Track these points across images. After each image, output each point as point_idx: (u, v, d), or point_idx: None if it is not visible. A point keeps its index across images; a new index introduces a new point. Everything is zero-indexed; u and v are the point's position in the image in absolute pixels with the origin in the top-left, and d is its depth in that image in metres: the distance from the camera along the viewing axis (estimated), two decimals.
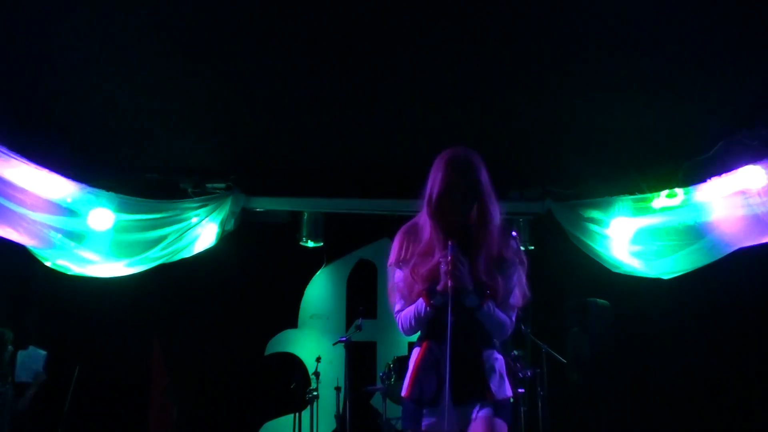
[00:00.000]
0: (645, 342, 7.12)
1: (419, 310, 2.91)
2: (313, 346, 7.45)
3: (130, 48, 4.68)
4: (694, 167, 6.22)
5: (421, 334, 3.07)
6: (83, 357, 6.28)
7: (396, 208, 6.96)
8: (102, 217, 6.27)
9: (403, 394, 3.03)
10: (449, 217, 2.88)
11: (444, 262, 2.79)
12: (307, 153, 6.65)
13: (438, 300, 2.85)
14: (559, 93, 5.33)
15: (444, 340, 2.77)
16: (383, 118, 5.86)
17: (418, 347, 3.06)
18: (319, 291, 7.86)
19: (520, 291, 2.99)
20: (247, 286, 7.51)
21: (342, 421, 6.59)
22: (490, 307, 2.87)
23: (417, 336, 3.11)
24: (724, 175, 5.84)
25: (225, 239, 6.90)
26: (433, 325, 2.94)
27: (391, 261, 3.05)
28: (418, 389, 2.95)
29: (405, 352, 7.04)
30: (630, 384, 6.94)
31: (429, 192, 2.90)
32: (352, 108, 5.66)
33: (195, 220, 6.69)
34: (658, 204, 6.38)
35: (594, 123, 5.80)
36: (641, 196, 6.50)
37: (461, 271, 2.79)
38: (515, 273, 2.97)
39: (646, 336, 7.12)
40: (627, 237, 6.55)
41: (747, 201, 5.65)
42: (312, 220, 7.37)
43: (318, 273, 7.87)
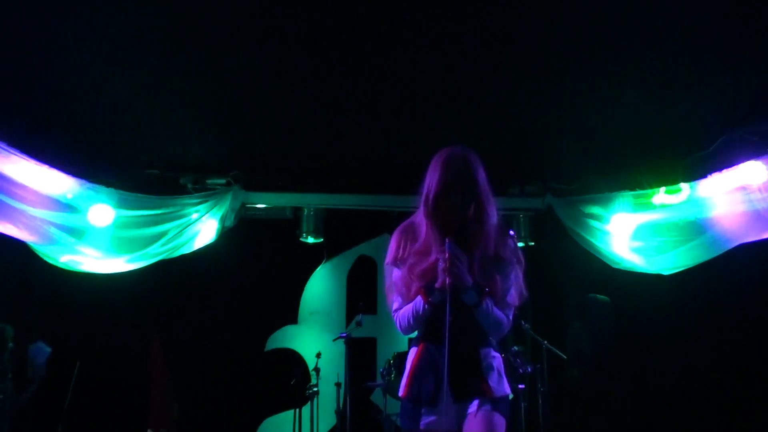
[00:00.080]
0: (645, 338, 7.12)
1: (417, 308, 2.90)
2: (314, 342, 7.44)
3: (130, 44, 4.67)
4: (694, 163, 6.22)
5: (418, 334, 3.05)
6: (83, 353, 6.27)
7: (396, 204, 6.95)
8: (102, 213, 6.26)
9: (401, 394, 3.01)
10: (446, 217, 2.86)
11: (442, 259, 2.77)
12: (307, 149, 6.65)
13: (436, 297, 2.83)
14: (560, 89, 5.32)
15: (441, 339, 2.75)
16: (383, 114, 5.85)
17: (415, 347, 3.05)
18: (320, 287, 7.85)
19: (517, 290, 2.97)
20: (247, 282, 7.50)
21: (342, 417, 6.60)
22: (488, 305, 2.85)
23: (414, 335, 3.10)
24: (724, 171, 5.84)
25: (225, 235, 6.90)
26: (431, 325, 2.92)
27: (389, 260, 3.03)
28: (416, 389, 2.94)
29: (405, 347, 7.00)
30: (630, 380, 6.94)
31: (426, 191, 2.88)
32: (352, 104, 5.66)
33: (195, 216, 6.68)
34: (658, 200, 6.38)
35: (594, 119, 5.79)
36: (642, 191, 6.50)
37: (460, 268, 2.77)
38: (513, 272, 2.96)
39: (646, 332, 7.12)
40: (627, 233, 6.54)
41: (748, 196, 5.66)
42: (312, 216, 7.36)
43: (318, 269, 7.86)
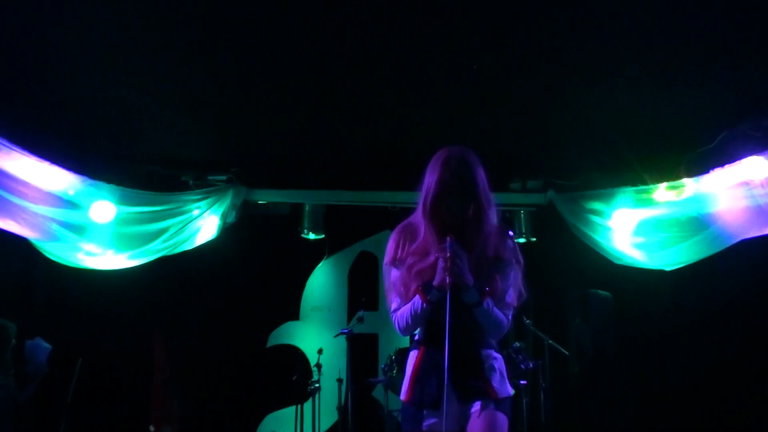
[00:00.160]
0: (647, 333, 7.12)
1: (416, 307, 2.88)
2: (315, 338, 7.44)
3: (132, 40, 4.66)
4: (696, 158, 6.21)
5: (419, 336, 3.03)
6: (85, 349, 6.27)
7: (398, 200, 6.94)
8: (103, 210, 6.26)
9: (403, 398, 2.99)
10: (445, 217, 2.84)
11: (442, 257, 2.75)
12: (309, 145, 6.64)
13: (434, 295, 2.81)
14: (561, 84, 5.31)
15: (442, 341, 2.72)
16: (384, 110, 5.84)
17: (415, 350, 3.03)
18: (321, 283, 7.85)
19: (516, 290, 2.96)
20: (249, 278, 7.50)
21: (344, 413, 6.60)
22: (489, 304, 2.83)
23: (415, 337, 3.08)
24: (726, 166, 5.83)
25: (226, 232, 6.88)
26: (431, 327, 2.91)
27: (387, 260, 3.01)
28: (418, 393, 2.92)
29: (407, 344, 7.01)
30: (632, 375, 6.93)
31: (425, 192, 2.86)
32: (353, 100, 5.65)
33: (196, 212, 6.67)
34: (660, 196, 6.37)
35: (596, 114, 5.77)
36: (643, 187, 6.49)
37: (461, 267, 2.75)
38: (512, 272, 2.94)
39: (647, 327, 7.12)
40: (629, 228, 6.54)
41: (750, 192, 5.65)
42: (313, 212, 7.35)
43: (319, 265, 7.86)
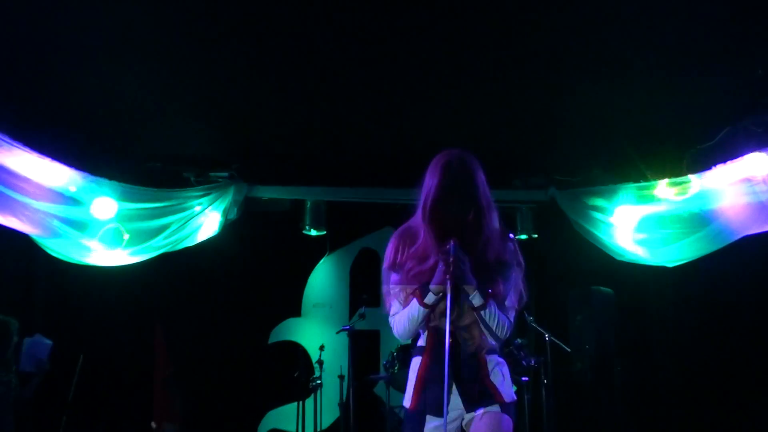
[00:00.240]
0: (648, 330, 7.12)
1: (412, 310, 2.86)
2: (317, 334, 7.43)
3: (133, 36, 4.66)
4: (698, 155, 6.20)
5: (421, 342, 3.00)
6: (87, 346, 6.28)
7: (399, 196, 6.92)
8: (105, 206, 6.27)
9: (407, 406, 2.96)
10: (445, 221, 2.79)
11: (444, 260, 2.71)
12: (310, 142, 6.64)
13: (431, 298, 2.79)
14: (564, 81, 5.31)
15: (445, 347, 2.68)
16: (387, 106, 5.83)
17: (418, 356, 3.00)
18: (323, 280, 7.85)
19: (516, 293, 2.93)
20: (250, 274, 7.50)
21: (345, 410, 6.60)
22: (493, 307, 2.80)
23: (416, 343, 3.05)
24: (729, 163, 5.82)
25: (228, 228, 6.89)
26: (434, 332, 2.89)
27: (386, 264, 2.96)
28: (422, 401, 2.89)
29: (409, 340, 7.02)
30: (633, 372, 6.93)
31: (424, 196, 2.82)
32: (355, 97, 5.64)
33: (198, 208, 6.68)
34: (662, 192, 6.36)
35: (598, 111, 5.77)
36: (645, 183, 6.48)
37: (463, 270, 2.72)
38: (513, 274, 2.91)
39: (649, 324, 7.12)
40: (631, 225, 6.53)
41: (752, 188, 5.64)
42: (315, 208, 7.34)
43: (321, 262, 7.86)
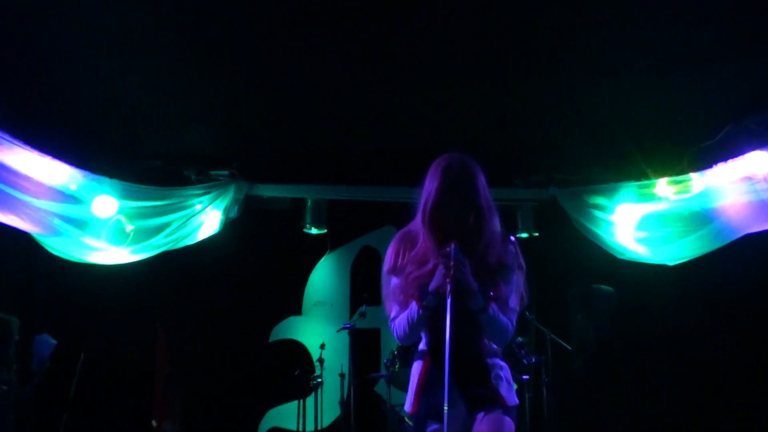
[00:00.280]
0: (649, 328, 7.11)
1: (412, 313, 2.84)
2: (318, 333, 7.43)
3: (134, 35, 4.66)
4: (699, 153, 6.19)
5: (423, 347, 2.99)
6: (88, 344, 6.28)
7: (400, 195, 6.92)
8: (106, 204, 6.27)
9: (408, 410, 2.95)
10: (445, 225, 2.79)
11: (444, 263, 2.70)
12: (311, 140, 6.63)
13: (430, 300, 2.77)
14: (564, 79, 5.30)
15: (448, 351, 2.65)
16: (388, 104, 5.83)
17: (420, 361, 2.98)
18: (323, 278, 7.84)
19: (518, 295, 2.91)
20: (251, 273, 7.49)
21: (346, 408, 6.60)
22: (494, 309, 2.78)
23: (417, 347, 3.04)
24: (730, 161, 5.82)
25: (228, 226, 6.88)
26: (435, 336, 2.86)
27: (387, 268, 2.96)
28: (424, 406, 2.88)
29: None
30: (634, 370, 6.94)
31: (424, 199, 2.81)
32: (356, 95, 5.64)
33: (198, 207, 6.67)
34: (663, 190, 6.36)
35: (599, 109, 5.77)
36: (646, 182, 6.47)
37: (464, 273, 2.71)
38: (514, 277, 2.89)
39: (650, 322, 7.11)
40: (632, 223, 6.53)
41: (753, 186, 5.65)
42: (315, 206, 7.32)
43: (322, 260, 7.85)
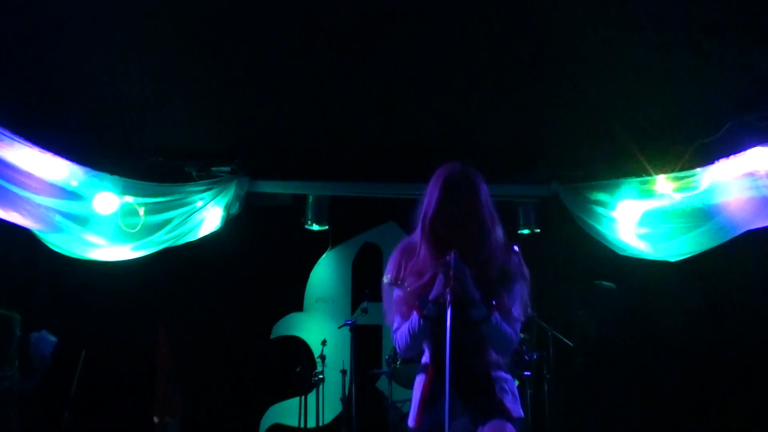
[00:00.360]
0: (651, 324, 7.11)
1: (413, 323, 2.79)
2: (319, 329, 7.43)
3: (136, 31, 4.65)
4: (701, 149, 6.18)
5: (426, 360, 2.95)
6: (90, 340, 6.28)
7: (402, 191, 6.91)
8: (107, 201, 6.26)
9: (411, 425, 2.91)
10: (445, 236, 2.76)
11: (443, 272, 2.67)
12: (312, 136, 6.62)
13: (430, 309, 2.74)
14: (566, 75, 5.29)
15: (451, 364, 2.59)
16: (389, 100, 5.82)
17: (423, 375, 2.94)
18: (325, 274, 7.84)
19: (522, 305, 2.87)
20: (252, 269, 7.49)
21: (348, 404, 6.62)
22: (496, 318, 2.74)
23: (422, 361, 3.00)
24: (732, 157, 5.80)
25: (230, 223, 6.88)
26: (438, 349, 2.80)
27: (388, 280, 2.93)
28: (427, 421, 2.84)
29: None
30: (636, 366, 6.93)
31: (424, 210, 2.79)
32: (357, 91, 5.63)
33: (200, 203, 6.67)
34: (664, 186, 6.35)
35: (601, 105, 5.76)
36: (648, 178, 6.46)
37: (465, 282, 2.67)
38: (518, 287, 2.86)
39: (652, 318, 7.11)
40: (633, 219, 6.52)
41: (755, 183, 5.63)
42: (317, 203, 7.32)
43: (323, 256, 7.85)
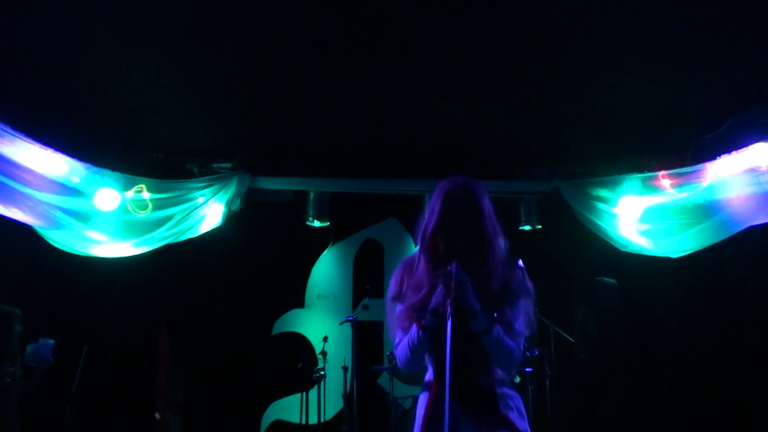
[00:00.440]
0: (652, 321, 7.11)
1: (412, 336, 2.76)
2: (320, 325, 7.44)
3: (137, 27, 4.63)
4: (703, 145, 6.18)
5: (429, 377, 2.91)
6: (91, 337, 6.28)
7: (403, 187, 6.93)
8: (108, 197, 6.26)
9: None
10: (446, 250, 2.72)
11: (444, 282, 2.63)
12: (313, 132, 6.62)
13: (428, 320, 2.71)
14: (567, 71, 5.28)
15: (454, 381, 2.54)
16: (390, 96, 5.81)
17: (426, 392, 2.89)
18: (326, 271, 7.84)
19: (525, 319, 2.81)
20: (254, 266, 7.49)
21: (349, 401, 6.62)
22: (498, 331, 2.68)
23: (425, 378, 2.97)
24: (733, 153, 5.80)
25: (231, 219, 6.87)
26: (440, 366, 2.74)
27: (390, 296, 2.90)
28: None
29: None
30: (637, 362, 6.93)
31: (425, 224, 2.77)
32: (358, 86, 5.62)
33: (201, 200, 6.67)
34: (666, 182, 6.34)
35: (602, 101, 5.75)
36: (649, 174, 6.46)
37: (466, 293, 2.64)
38: (521, 302, 2.80)
39: (653, 315, 7.11)
40: (635, 215, 6.51)
41: (757, 178, 5.63)
42: (318, 199, 7.31)
43: (324, 253, 7.85)
